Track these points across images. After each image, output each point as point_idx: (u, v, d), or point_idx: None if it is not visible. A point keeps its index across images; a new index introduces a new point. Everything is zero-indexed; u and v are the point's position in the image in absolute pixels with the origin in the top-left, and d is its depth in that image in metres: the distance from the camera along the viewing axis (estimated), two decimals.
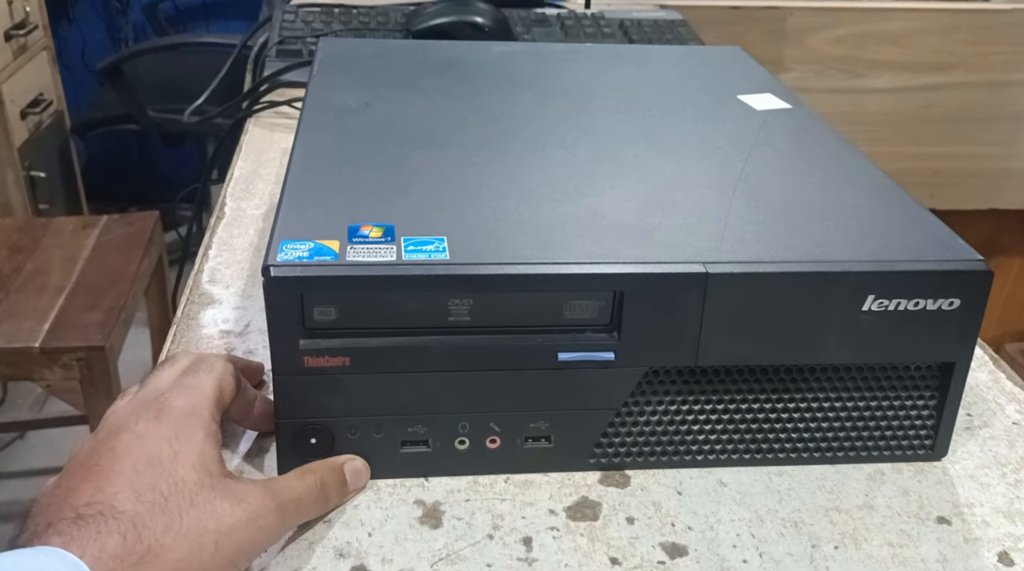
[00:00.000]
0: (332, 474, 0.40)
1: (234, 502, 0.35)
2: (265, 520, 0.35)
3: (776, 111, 0.57)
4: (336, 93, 0.57)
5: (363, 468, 0.41)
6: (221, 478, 0.35)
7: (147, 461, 0.34)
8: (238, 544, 0.34)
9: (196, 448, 0.36)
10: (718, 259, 0.40)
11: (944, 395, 0.44)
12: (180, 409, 0.37)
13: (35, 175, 1.73)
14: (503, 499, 0.42)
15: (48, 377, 1.19)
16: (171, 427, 0.36)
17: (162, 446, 0.35)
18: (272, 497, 0.36)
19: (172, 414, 0.37)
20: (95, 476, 0.34)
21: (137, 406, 0.37)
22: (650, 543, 0.40)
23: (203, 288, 0.56)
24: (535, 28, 0.95)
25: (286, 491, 0.37)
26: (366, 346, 0.40)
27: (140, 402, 0.38)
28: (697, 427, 0.44)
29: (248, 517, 0.35)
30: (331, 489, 0.40)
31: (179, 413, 0.37)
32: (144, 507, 0.33)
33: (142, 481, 0.34)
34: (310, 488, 0.38)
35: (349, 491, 0.41)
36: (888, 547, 0.40)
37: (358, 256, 0.39)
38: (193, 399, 0.38)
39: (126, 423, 0.36)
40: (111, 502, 0.33)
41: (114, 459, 0.34)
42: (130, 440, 0.35)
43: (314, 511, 0.39)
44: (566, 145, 0.51)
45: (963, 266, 0.41)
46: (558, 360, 0.41)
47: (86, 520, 0.32)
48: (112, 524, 0.32)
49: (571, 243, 0.41)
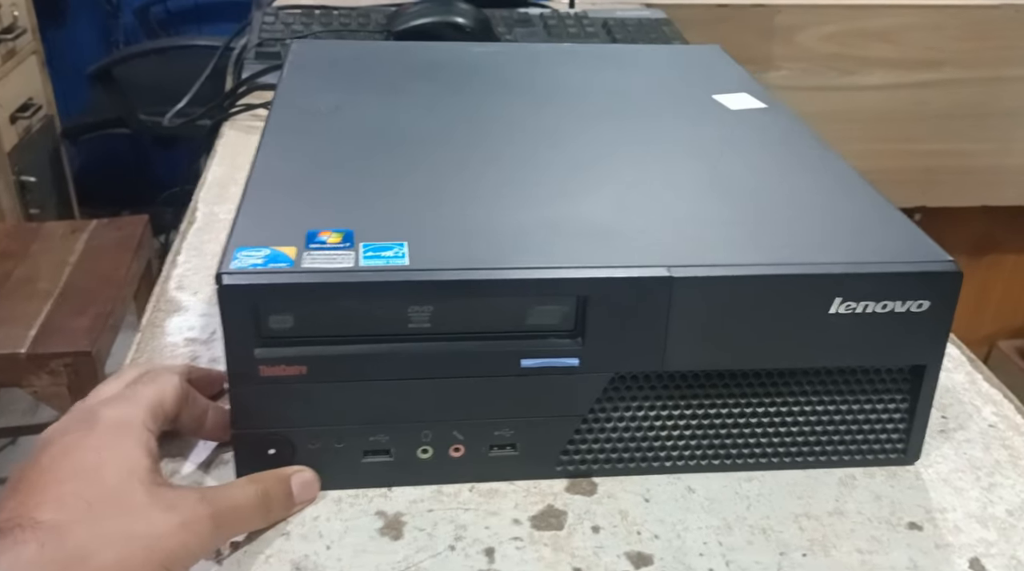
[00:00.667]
0: (278, 485, 0.39)
1: (164, 508, 0.34)
2: (198, 527, 0.35)
3: (750, 111, 0.56)
4: (305, 96, 0.56)
5: (312, 480, 0.41)
6: (151, 486, 0.35)
7: (72, 471, 0.34)
8: (171, 550, 0.34)
9: (124, 455, 0.35)
10: (683, 262, 0.40)
11: (916, 398, 0.43)
12: (110, 419, 0.36)
13: (25, 180, 1.72)
14: (467, 509, 0.41)
15: (35, 383, 1.19)
16: (99, 437, 0.36)
17: (88, 455, 0.35)
18: (207, 505, 0.35)
19: (101, 424, 0.36)
20: (19, 492, 0.33)
21: (69, 420, 0.37)
22: (615, 552, 0.39)
23: (170, 294, 0.55)
24: (517, 28, 0.94)
25: (224, 499, 0.36)
26: (324, 354, 0.39)
27: (72, 416, 0.37)
28: (665, 433, 0.43)
29: (181, 523, 0.34)
30: (275, 500, 0.39)
31: (108, 423, 0.36)
32: (66, 515, 0.32)
33: (65, 490, 0.33)
34: (249, 497, 0.38)
35: (295, 503, 0.40)
36: (857, 554, 0.40)
37: (314, 262, 0.38)
38: (125, 409, 0.37)
39: (54, 437, 0.36)
40: (31, 514, 0.32)
41: (39, 473, 0.34)
42: (55, 453, 0.35)
43: (255, 522, 0.38)
44: (535, 149, 0.50)
45: (932, 267, 0.41)
46: (521, 367, 0.41)
47: (4, 533, 0.31)
48: (29, 534, 0.31)
49: (534, 248, 0.40)
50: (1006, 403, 0.50)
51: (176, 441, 0.44)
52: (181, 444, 0.44)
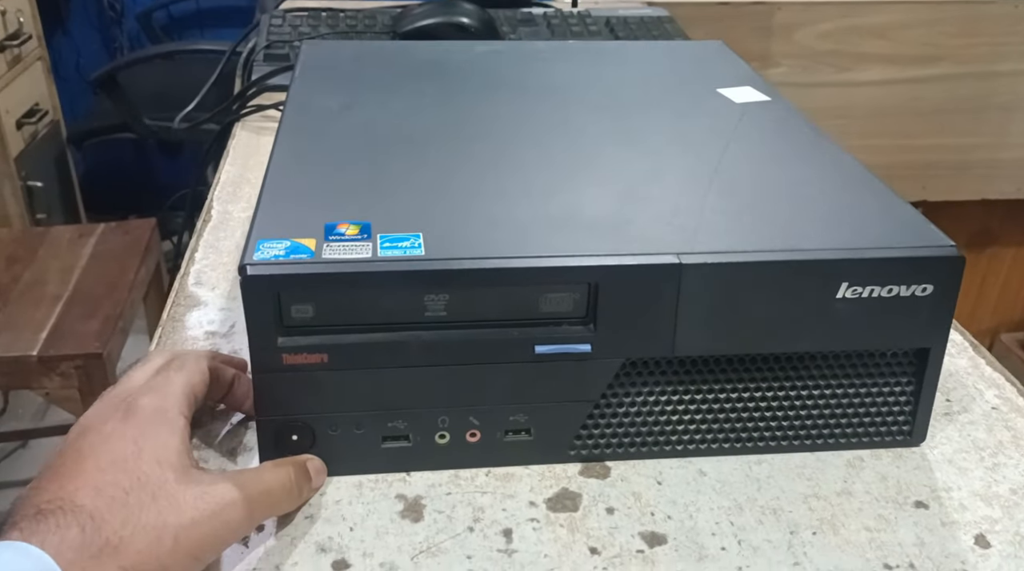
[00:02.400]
0: (299, 468, 0.40)
1: (197, 495, 0.35)
2: (229, 514, 0.36)
3: (754, 104, 0.58)
4: (317, 96, 0.57)
5: (322, 467, 0.42)
6: (185, 471, 0.36)
7: (110, 459, 0.35)
8: (199, 538, 0.35)
9: (160, 444, 0.36)
10: (691, 250, 0.41)
11: (921, 381, 0.44)
12: (146, 408, 0.37)
13: (32, 185, 1.74)
14: (484, 492, 0.42)
15: (47, 385, 1.20)
16: (137, 426, 0.36)
17: (126, 444, 0.36)
18: (240, 489, 0.36)
19: (138, 413, 0.37)
20: (59, 476, 0.34)
21: (105, 407, 0.38)
22: (629, 532, 0.40)
23: (189, 290, 0.56)
24: (521, 28, 0.95)
25: (255, 483, 0.37)
26: (344, 343, 0.40)
27: (109, 403, 0.38)
28: (676, 417, 0.44)
29: (211, 511, 0.35)
30: (301, 484, 0.40)
31: (145, 412, 0.37)
32: (103, 502, 0.33)
33: (104, 478, 0.34)
34: (282, 480, 0.39)
35: (314, 489, 0.41)
36: (866, 532, 0.41)
37: (334, 253, 0.39)
38: (160, 398, 0.38)
39: (93, 424, 0.37)
40: (71, 498, 0.33)
41: (79, 459, 0.35)
42: (95, 440, 0.36)
43: (286, 504, 0.40)
44: (544, 144, 0.52)
45: (935, 252, 0.42)
46: (535, 353, 0.42)
47: (45, 515, 0.32)
48: (71, 517, 0.32)
49: (546, 237, 0.42)
50: (1008, 386, 0.51)
51: (201, 430, 0.45)
52: (205, 433, 0.45)
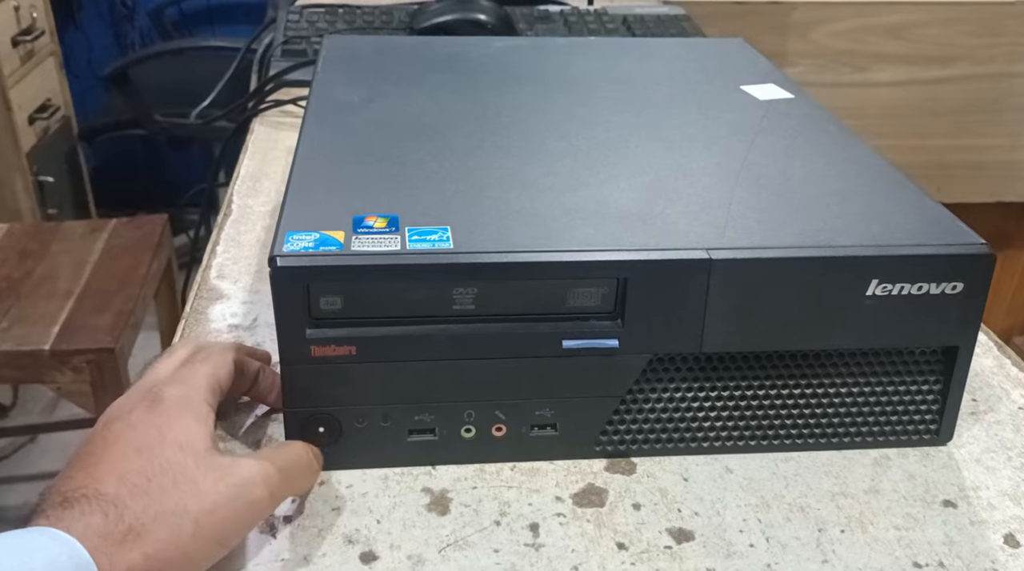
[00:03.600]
0: (309, 447, 0.40)
1: (216, 479, 0.35)
2: (250, 494, 0.35)
3: (779, 101, 0.57)
4: (340, 89, 0.57)
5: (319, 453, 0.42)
6: (206, 456, 0.36)
7: (135, 447, 0.35)
8: (221, 522, 0.35)
9: (183, 430, 0.36)
10: (721, 245, 0.41)
11: (948, 379, 0.44)
12: (171, 397, 0.38)
13: (43, 180, 1.74)
14: (509, 486, 0.42)
15: (58, 380, 1.20)
16: (161, 414, 0.37)
17: (151, 432, 0.36)
18: (259, 469, 0.36)
19: (164, 403, 0.37)
20: (86, 465, 0.35)
21: (132, 397, 0.38)
22: (657, 528, 0.40)
23: (211, 283, 0.56)
24: (538, 25, 0.95)
25: (273, 460, 0.37)
26: (372, 335, 0.40)
27: (135, 393, 0.38)
28: (703, 414, 0.44)
29: (232, 494, 0.35)
30: (316, 459, 0.40)
31: (170, 401, 0.37)
32: (126, 489, 0.34)
33: (128, 466, 0.34)
34: (299, 454, 0.39)
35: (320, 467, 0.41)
36: (894, 530, 0.40)
37: (363, 246, 0.39)
38: (185, 388, 0.38)
39: (119, 413, 0.37)
40: (96, 485, 0.34)
41: (105, 447, 0.35)
42: (121, 429, 0.36)
43: (306, 479, 0.40)
44: (568, 137, 0.51)
45: (966, 250, 0.41)
46: (562, 348, 0.41)
47: (71, 502, 0.33)
48: (95, 504, 0.33)
49: (574, 231, 0.41)
50: None
51: (226, 422, 0.45)
52: (230, 425, 0.45)
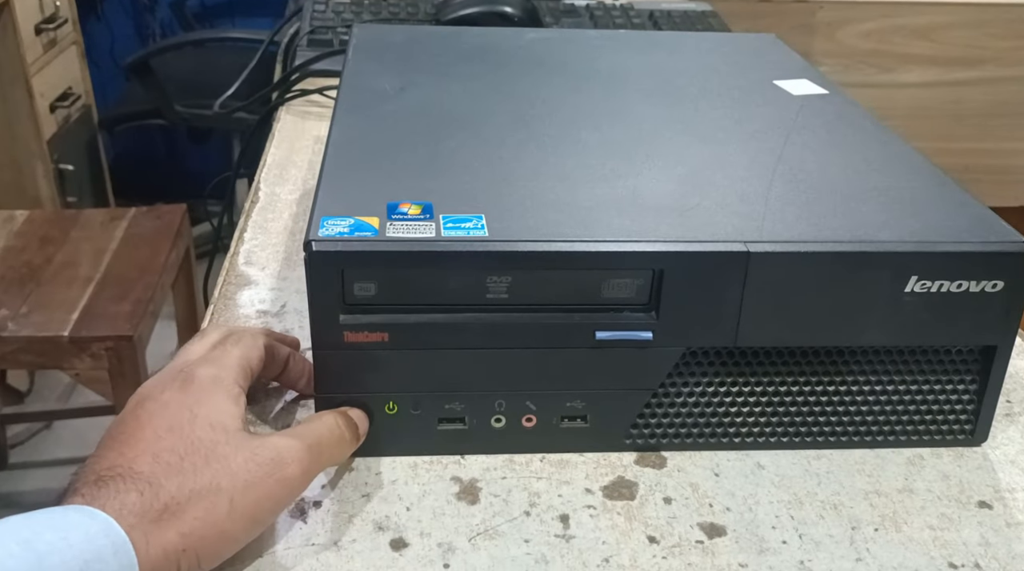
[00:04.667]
0: (343, 416, 0.40)
1: (247, 457, 0.35)
2: (283, 471, 0.35)
3: (813, 96, 0.57)
4: (371, 78, 0.57)
5: (363, 415, 0.41)
6: (237, 434, 0.36)
7: (167, 426, 0.35)
8: (256, 500, 0.34)
9: (215, 409, 0.36)
10: (759, 238, 0.40)
11: (985, 379, 0.44)
12: (203, 377, 0.37)
13: (64, 168, 1.75)
14: (539, 477, 0.42)
15: (77, 366, 1.21)
16: (193, 394, 0.37)
17: (183, 412, 0.36)
18: (291, 446, 0.36)
19: (195, 382, 0.37)
20: (118, 443, 0.35)
21: (164, 377, 0.38)
22: (688, 523, 0.40)
23: (239, 269, 0.56)
24: (564, 19, 0.94)
25: (305, 436, 0.37)
26: (405, 322, 0.40)
27: (167, 374, 0.39)
28: (735, 409, 0.44)
29: (265, 471, 0.35)
30: (348, 428, 0.40)
31: (202, 380, 0.37)
32: (160, 467, 0.33)
33: (161, 445, 0.34)
34: (330, 427, 0.39)
35: (360, 436, 0.41)
36: (929, 530, 0.40)
37: (397, 232, 0.39)
38: (217, 368, 0.38)
39: (151, 393, 0.37)
40: (130, 464, 0.33)
41: (137, 427, 0.35)
42: (153, 408, 0.36)
43: (338, 453, 0.39)
44: (601, 128, 0.51)
45: (1007, 248, 0.41)
46: (595, 339, 0.41)
47: (106, 481, 0.33)
48: (130, 483, 0.33)
49: (609, 222, 0.41)
50: None
51: (255, 407, 0.45)
52: (260, 409, 0.45)
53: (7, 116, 1.64)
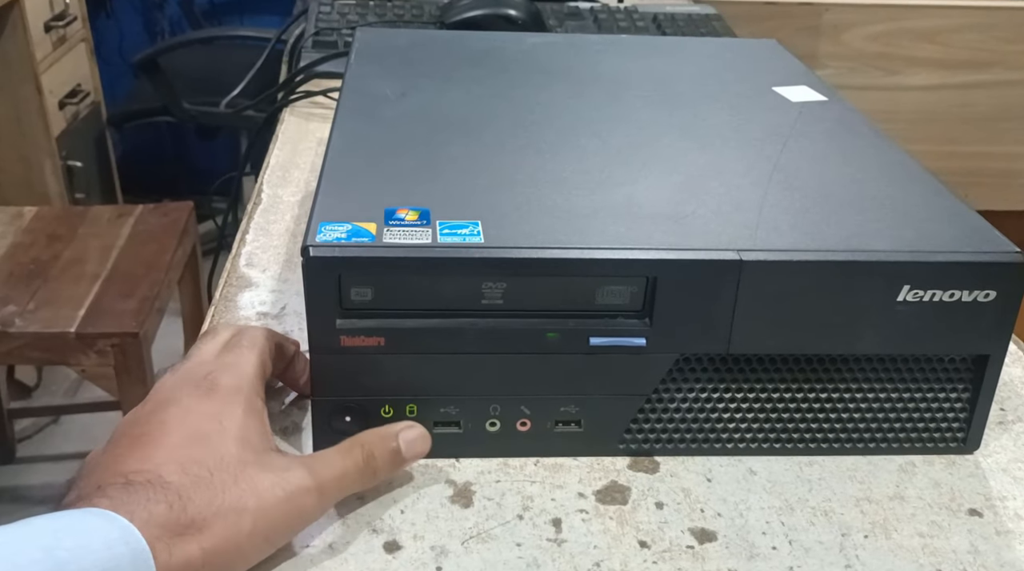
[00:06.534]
0: (382, 443, 0.39)
1: (274, 481, 0.35)
2: (303, 500, 0.36)
3: (812, 103, 0.57)
4: (373, 82, 0.57)
5: (420, 436, 0.40)
6: (265, 453, 0.36)
7: (194, 436, 0.35)
8: (274, 523, 0.35)
9: (241, 424, 0.36)
10: (752, 246, 0.40)
11: (978, 388, 0.44)
12: (227, 387, 0.38)
13: (72, 165, 1.76)
14: (533, 481, 0.42)
15: (83, 362, 1.22)
16: (218, 404, 0.37)
17: (209, 422, 0.36)
18: (312, 476, 0.36)
19: (219, 392, 0.37)
20: (142, 445, 0.35)
21: (184, 381, 0.38)
22: (679, 528, 0.40)
23: (240, 271, 0.57)
24: (568, 21, 0.95)
25: (328, 468, 0.37)
26: (401, 327, 0.40)
27: (187, 377, 0.39)
28: (728, 415, 0.44)
29: (287, 497, 0.35)
30: (380, 460, 0.39)
31: (226, 391, 0.38)
32: (189, 480, 0.34)
33: (188, 455, 0.34)
34: (355, 463, 0.38)
35: (405, 460, 0.40)
36: (919, 537, 0.40)
37: (394, 238, 0.40)
38: (238, 377, 0.39)
39: (175, 396, 0.37)
40: (158, 471, 0.34)
41: (162, 431, 0.35)
42: (178, 413, 0.36)
43: (360, 485, 0.39)
44: (600, 134, 0.51)
45: (1000, 258, 0.41)
46: (590, 345, 0.42)
47: (135, 486, 0.33)
48: (160, 493, 0.33)
49: (605, 229, 0.41)
50: None
51: None
52: None
53: (16, 113, 1.65)
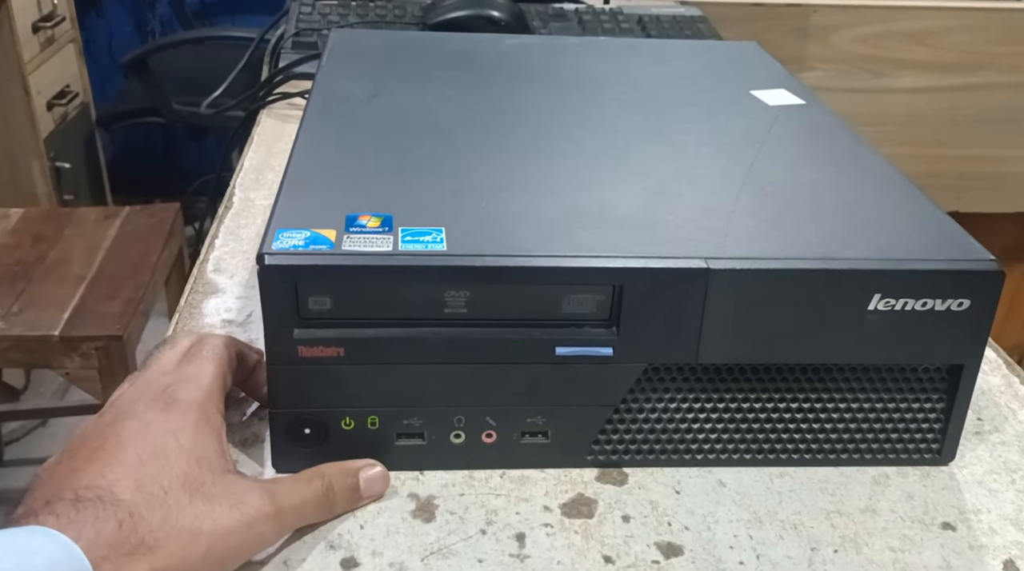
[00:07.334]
0: (343, 478, 0.39)
1: (232, 504, 0.34)
2: (261, 526, 0.35)
3: (789, 107, 0.56)
4: (344, 83, 0.56)
5: (380, 476, 0.40)
6: (224, 475, 0.35)
7: (151, 452, 0.34)
8: (229, 548, 0.34)
9: (201, 443, 0.36)
10: (721, 254, 0.40)
11: (952, 398, 0.43)
12: (186, 402, 0.37)
13: (60, 166, 1.75)
14: (498, 494, 0.41)
15: (67, 365, 1.21)
16: (177, 420, 0.36)
17: (167, 439, 0.35)
18: (272, 502, 0.36)
19: (179, 407, 0.36)
20: (98, 460, 0.34)
21: (143, 393, 0.37)
22: (645, 542, 0.39)
23: (208, 277, 0.56)
24: (552, 23, 0.94)
25: (288, 495, 0.37)
26: (361, 337, 0.40)
27: (145, 389, 0.38)
28: (697, 426, 0.43)
29: (244, 522, 0.34)
30: (339, 494, 0.39)
31: (185, 406, 0.37)
32: (143, 498, 0.33)
33: (144, 472, 0.34)
34: (315, 493, 0.38)
35: (362, 498, 0.40)
36: (890, 552, 0.39)
37: (354, 245, 0.39)
38: (198, 391, 0.38)
39: (132, 409, 0.36)
40: (111, 488, 0.33)
41: (119, 445, 0.34)
42: (135, 428, 0.35)
43: (316, 517, 0.39)
44: (573, 138, 0.51)
45: (973, 266, 0.40)
46: (556, 355, 0.41)
47: (84, 503, 0.32)
48: (110, 510, 0.32)
49: (571, 236, 0.41)
50: None
51: None
52: None
53: (3, 114, 1.64)
